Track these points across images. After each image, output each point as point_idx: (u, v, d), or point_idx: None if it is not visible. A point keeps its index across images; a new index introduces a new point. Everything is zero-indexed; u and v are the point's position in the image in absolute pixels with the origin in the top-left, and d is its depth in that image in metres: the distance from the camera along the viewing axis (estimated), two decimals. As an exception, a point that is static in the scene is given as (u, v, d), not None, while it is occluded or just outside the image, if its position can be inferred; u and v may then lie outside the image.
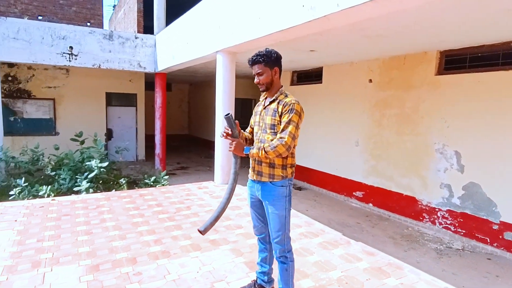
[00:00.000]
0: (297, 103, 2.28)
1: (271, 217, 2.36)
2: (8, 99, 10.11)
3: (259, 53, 2.35)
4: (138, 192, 5.61)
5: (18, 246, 3.43)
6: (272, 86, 2.39)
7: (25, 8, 11.79)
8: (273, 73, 2.36)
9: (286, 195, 2.35)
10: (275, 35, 4.44)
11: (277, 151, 2.21)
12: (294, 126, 2.23)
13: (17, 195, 6.73)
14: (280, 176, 2.33)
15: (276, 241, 2.37)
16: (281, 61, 2.43)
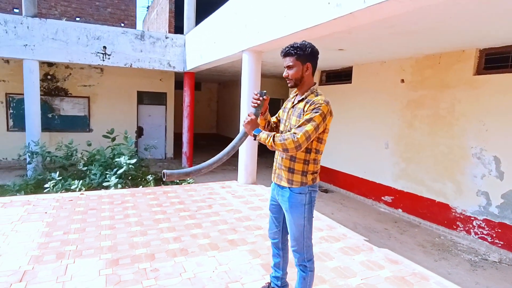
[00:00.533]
0: (325, 104, 2.09)
1: (289, 225, 2.25)
2: (47, 96, 10.69)
3: (293, 45, 2.16)
4: (162, 189, 5.73)
5: (46, 238, 3.59)
6: (301, 83, 2.21)
7: (64, 10, 12.43)
8: (305, 68, 2.16)
9: (305, 203, 2.18)
10: (301, 34, 4.37)
11: (285, 145, 2.03)
12: (313, 126, 2.04)
13: (51, 188, 7.09)
14: (299, 182, 2.18)
15: (294, 249, 2.26)
16: (316, 57, 2.22)
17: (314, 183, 2.23)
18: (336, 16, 3.58)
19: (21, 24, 8.08)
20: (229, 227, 4.05)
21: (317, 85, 2.28)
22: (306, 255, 2.25)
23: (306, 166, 2.19)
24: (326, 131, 2.20)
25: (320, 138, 2.19)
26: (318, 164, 2.26)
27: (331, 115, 2.14)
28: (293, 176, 2.20)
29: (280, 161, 2.29)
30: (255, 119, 2.23)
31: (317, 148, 2.20)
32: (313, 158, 2.19)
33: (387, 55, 6.92)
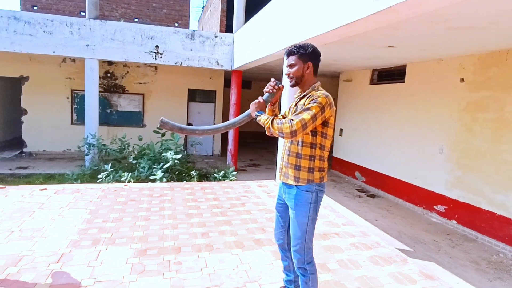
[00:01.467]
0: (323, 96, 2.13)
1: (292, 223, 2.25)
2: (106, 93, 11.57)
3: (296, 44, 2.27)
4: (200, 185, 5.91)
5: (86, 224, 3.90)
6: (302, 81, 2.27)
7: (124, 12, 13.38)
8: (305, 67, 2.23)
9: (310, 201, 2.19)
10: (339, 30, 4.23)
11: (281, 128, 2.08)
12: (310, 115, 2.07)
13: (103, 178, 7.67)
14: (306, 180, 2.19)
15: (294, 249, 2.24)
16: (318, 58, 2.29)
17: (321, 182, 2.24)
18: (374, 10, 3.40)
19: (84, 25, 8.83)
20: (258, 226, 4.06)
21: (319, 83, 2.31)
22: (306, 257, 2.23)
23: (312, 162, 2.20)
24: (329, 125, 2.22)
25: (324, 133, 2.21)
26: (325, 161, 2.27)
27: (330, 107, 2.16)
28: (299, 174, 2.21)
29: (287, 159, 2.30)
30: (263, 103, 2.33)
31: (321, 143, 2.21)
32: (318, 154, 2.21)
33: (444, 52, 6.42)
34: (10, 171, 8.85)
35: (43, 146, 11.21)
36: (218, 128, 2.52)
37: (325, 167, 2.27)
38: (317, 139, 2.19)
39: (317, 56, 2.29)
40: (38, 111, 11.05)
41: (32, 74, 10.93)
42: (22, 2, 13.02)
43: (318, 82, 2.29)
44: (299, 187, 2.21)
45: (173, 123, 2.46)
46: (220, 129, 2.51)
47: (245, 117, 2.43)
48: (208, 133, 2.60)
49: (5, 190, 4.96)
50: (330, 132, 2.22)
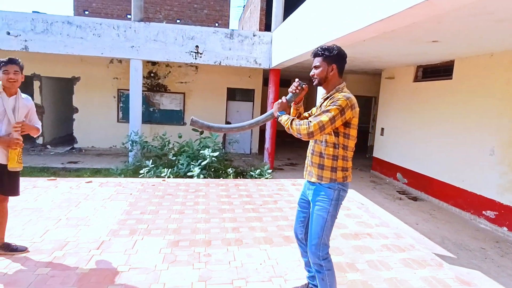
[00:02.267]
0: (344, 98, 2.19)
1: (313, 217, 2.34)
2: (149, 92, 12.15)
3: (322, 46, 2.34)
4: (234, 182, 6.05)
5: (126, 215, 4.16)
6: (326, 82, 2.34)
7: (167, 14, 13.95)
8: (330, 69, 2.30)
9: (332, 198, 2.28)
10: (375, 26, 4.14)
11: (299, 129, 2.20)
12: (328, 117, 2.15)
13: (145, 174, 8.09)
14: (329, 178, 2.29)
15: (312, 243, 2.33)
16: (343, 60, 2.35)
17: (344, 182, 2.30)
18: (411, 4, 3.31)
19: (129, 28, 9.35)
20: (288, 224, 4.10)
21: (344, 84, 2.35)
22: (322, 252, 2.30)
23: (335, 162, 2.28)
24: (352, 126, 2.27)
25: (347, 134, 2.27)
26: (348, 161, 2.32)
27: (352, 109, 2.20)
28: (322, 172, 2.30)
29: (311, 158, 2.39)
30: (286, 103, 2.41)
31: (344, 143, 2.28)
32: (341, 154, 2.28)
33: (494, 46, 6.03)
34: (62, 165, 9.60)
35: (91, 142, 12.01)
36: (243, 126, 2.65)
37: (349, 167, 2.33)
38: (339, 139, 2.26)
39: (342, 58, 2.34)
40: (87, 109, 11.86)
41: (83, 74, 11.75)
42: (75, 8, 14.05)
43: (342, 83, 2.34)
44: (322, 184, 2.30)
45: (202, 122, 2.62)
46: (245, 127, 2.64)
47: (268, 116, 2.52)
48: (234, 130, 2.74)
49: (56, 182, 5.42)
50: (353, 132, 2.27)
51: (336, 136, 2.26)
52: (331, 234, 3.73)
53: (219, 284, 2.77)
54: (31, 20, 8.91)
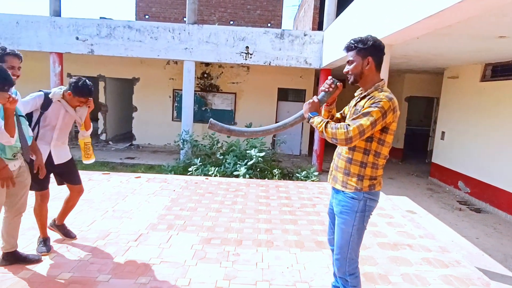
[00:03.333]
0: (386, 100, 1.97)
1: (336, 230, 2.18)
2: (202, 92, 12.62)
3: (354, 38, 2.12)
4: (275, 183, 6.07)
5: (166, 210, 4.40)
6: (362, 79, 2.12)
7: (221, 16, 14.37)
8: (365, 63, 2.07)
9: (357, 210, 2.08)
10: (424, 23, 3.91)
11: (335, 134, 1.97)
12: (370, 121, 1.93)
13: (193, 171, 8.43)
14: (354, 187, 2.08)
15: (336, 257, 2.18)
16: (380, 52, 2.10)
17: (371, 191, 2.10)
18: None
19: (183, 30, 9.80)
20: (323, 229, 4.03)
21: (383, 82, 2.13)
22: (348, 268, 2.13)
23: (363, 170, 2.09)
24: (390, 132, 2.06)
25: (382, 140, 2.07)
26: (379, 169, 2.12)
27: (394, 112, 2.00)
28: (348, 179, 2.12)
29: (337, 162, 2.22)
30: (317, 103, 2.20)
31: (377, 150, 2.08)
32: (371, 161, 2.08)
33: None
34: (120, 160, 10.37)
35: (148, 139, 12.80)
36: (268, 129, 2.49)
37: (378, 175, 2.12)
38: (372, 145, 2.06)
39: (379, 50, 2.10)
40: (145, 108, 12.66)
41: (142, 75, 12.57)
42: (137, 12, 15.08)
43: (382, 81, 2.13)
44: (346, 193, 2.12)
45: (222, 125, 2.47)
46: (270, 130, 2.49)
47: (298, 118, 2.34)
48: (258, 134, 2.56)
49: (109, 176, 5.88)
50: (389, 139, 2.07)
51: (369, 141, 2.05)
52: (367, 242, 3.60)
53: (242, 284, 2.82)
54: (96, 26, 9.75)
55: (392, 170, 11.27)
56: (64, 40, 9.74)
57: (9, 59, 2.74)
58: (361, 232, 2.14)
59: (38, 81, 11.56)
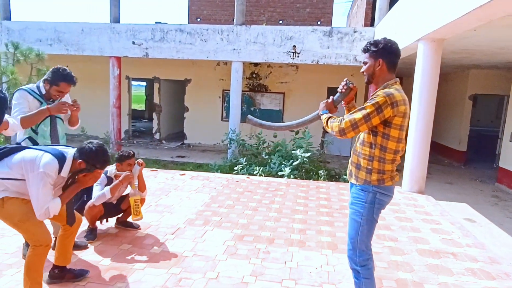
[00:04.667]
0: (383, 95, 2.09)
1: (348, 221, 2.30)
2: (251, 92, 12.85)
3: (369, 41, 2.29)
4: (316, 184, 6.03)
5: (205, 207, 4.60)
6: (374, 79, 2.27)
7: (270, 15, 14.47)
8: (376, 64, 2.22)
9: (366, 201, 2.19)
10: (474, 14, 3.67)
11: (332, 127, 2.23)
12: (362, 114, 2.10)
13: (239, 171, 8.64)
14: (363, 180, 2.22)
15: (348, 247, 2.29)
16: (391, 54, 2.23)
17: (381, 185, 2.19)
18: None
19: (232, 32, 10.08)
20: (360, 232, 3.94)
21: (394, 81, 2.23)
22: (359, 259, 2.23)
23: (371, 163, 2.20)
24: (394, 126, 2.14)
25: (386, 134, 2.16)
26: (387, 164, 2.19)
27: (392, 107, 2.08)
28: (358, 173, 2.25)
29: (352, 158, 2.36)
30: (331, 102, 2.41)
31: (382, 144, 2.17)
32: (377, 155, 2.18)
33: None
34: (171, 158, 10.94)
35: (198, 139, 13.32)
36: (291, 125, 2.79)
37: (387, 170, 2.19)
38: (377, 139, 2.18)
39: (390, 52, 2.23)
40: (196, 108, 13.20)
41: (193, 76, 13.13)
42: (189, 16, 15.77)
43: (393, 80, 2.24)
44: (357, 186, 2.26)
45: (256, 120, 2.84)
46: (292, 126, 2.79)
47: (315, 116, 2.55)
48: (282, 129, 2.91)
49: (156, 172, 6.27)
50: (394, 133, 2.15)
51: (374, 135, 2.18)
52: (405, 248, 3.48)
53: (268, 281, 2.88)
54: (151, 30, 10.39)
55: (453, 174, 10.58)
56: (122, 44, 10.53)
57: (62, 85, 3.00)
58: (371, 225, 2.23)
59: (99, 83, 12.62)
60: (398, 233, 3.98)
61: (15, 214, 2.26)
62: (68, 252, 2.67)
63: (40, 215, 2.23)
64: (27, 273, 2.31)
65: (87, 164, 2.32)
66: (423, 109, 5.47)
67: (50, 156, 2.25)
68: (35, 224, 2.30)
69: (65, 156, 2.33)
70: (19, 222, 2.28)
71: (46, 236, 2.34)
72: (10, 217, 2.28)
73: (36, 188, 2.18)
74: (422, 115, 5.49)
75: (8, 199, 2.26)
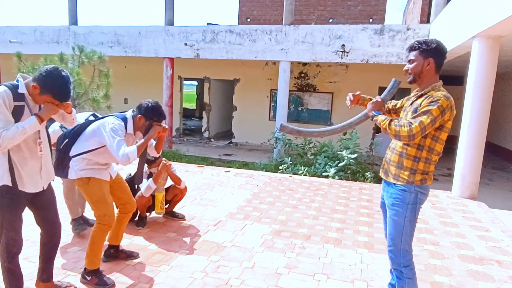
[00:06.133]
0: (444, 98, 2.11)
1: (388, 222, 2.33)
2: (299, 92, 12.96)
3: (418, 40, 2.30)
4: (359, 185, 6.03)
5: (246, 202, 4.85)
6: (420, 79, 2.27)
7: (320, 14, 14.42)
8: (426, 64, 2.22)
9: (408, 201, 2.22)
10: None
11: (399, 131, 2.12)
12: (430, 119, 2.08)
13: (283, 170, 8.82)
14: (405, 179, 2.23)
15: (389, 249, 2.31)
16: (441, 55, 2.23)
17: (422, 185, 2.23)
18: None
19: (280, 32, 10.28)
20: (399, 234, 3.95)
21: (441, 83, 2.25)
22: (403, 259, 2.26)
23: (416, 164, 2.22)
24: (445, 129, 2.20)
25: (436, 137, 2.20)
26: (431, 165, 2.24)
27: (451, 111, 2.14)
28: (400, 172, 2.26)
29: (390, 156, 2.35)
30: (380, 102, 2.39)
31: (430, 146, 2.21)
32: (424, 156, 2.21)
33: None
34: (219, 156, 11.39)
35: (246, 138, 13.69)
36: (334, 129, 2.72)
37: (430, 171, 2.25)
38: (426, 141, 2.20)
39: (440, 53, 2.24)
40: (244, 108, 13.58)
41: (242, 76, 13.52)
42: (239, 17, 16.21)
43: (439, 82, 2.26)
44: (397, 186, 2.27)
45: (292, 127, 2.77)
46: (336, 130, 2.71)
47: (362, 117, 2.54)
48: (325, 134, 2.79)
49: (203, 169, 6.65)
50: (443, 136, 2.21)
51: (423, 137, 2.18)
52: (446, 253, 3.46)
53: (300, 274, 3.05)
54: (202, 32, 10.91)
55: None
56: (175, 46, 11.17)
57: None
58: (413, 224, 2.27)
59: (153, 83, 13.46)
60: (440, 238, 3.92)
61: (95, 193, 2.70)
62: (121, 233, 3.08)
63: (120, 159, 2.52)
64: (91, 247, 2.72)
65: (145, 118, 2.76)
66: (477, 111, 5.26)
67: (114, 118, 2.71)
68: (108, 207, 2.73)
69: (126, 117, 2.78)
70: (97, 202, 2.72)
71: (113, 219, 2.78)
72: (91, 195, 2.72)
73: (112, 140, 2.55)
74: (476, 117, 5.28)
75: (93, 179, 2.70)
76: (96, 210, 2.75)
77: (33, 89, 2.15)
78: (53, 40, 12.25)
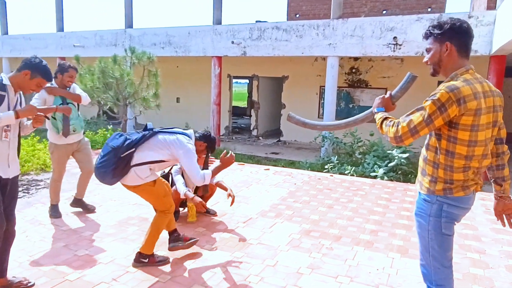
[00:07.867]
0: (445, 91, 1.77)
1: (417, 233, 2.12)
2: (350, 88, 12.61)
3: (433, 24, 1.98)
4: (405, 186, 5.74)
5: (280, 200, 4.86)
6: (442, 68, 1.95)
7: (373, 6, 13.80)
8: (443, 49, 1.89)
9: (430, 214, 1.95)
10: None
11: (387, 132, 1.95)
12: (422, 116, 1.81)
13: (329, 169, 8.67)
14: (426, 188, 1.98)
15: (421, 263, 2.10)
16: (461, 35, 1.89)
17: (448, 195, 1.91)
18: None
19: (328, 26, 10.07)
20: (440, 239, 3.71)
21: (464, 69, 1.90)
22: (435, 277, 2.02)
23: (436, 171, 1.93)
24: (461, 127, 1.81)
25: (452, 137, 1.85)
26: (456, 173, 1.89)
27: (459, 104, 1.76)
28: (422, 179, 2.03)
29: (419, 162, 2.12)
30: (388, 98, 2.19)
31: (447, 149, 1.88)
32: (443, 162, 1.90)
33: None
34: (266, 154, 11.48)
35: (294, 136, 13.62)
36: (338, 124, 2.64)
37: (456, 180, 1.89)
38: (441, 143, 1.90)
39: (459, 32, 1.89)
40: (293, 105, 13.51)
41: (291, 73, 13.47)
42: (288, 13, 16.11)
43: (464, 68, 1.90)
44: (420, 194, 2.04)
45: (298, 118, 2.69)
46: (341, 125, 2.64)
47: (368, 113, 2.36)
48: (329, 128, 2.75)
49: (243, 166, 6.77)
50: (464, 135, 1.83)
51: (438, 139, 1.90)
52: (491, 263, 3.19)
53: (322, 275, 3.00)
54: (249, 29, 11.06)
55: None
56: (223, 44, 11.45)
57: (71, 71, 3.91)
58: (442, 240, 1.97)
59: (203, 82, 13.90)
60: (488, 246, 3.62)
61: (161, 192, 3.07)
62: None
63: (198, 180, 2.93)
64: (154, 234, 3.05)
65: (207, 145, 3.45)
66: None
67: (185, 137, 3.02)
68: (169, 198, 3.14)
69: (191, 137, 3.09)
70: (164, 197, 3.07)
71: (173, 208, 3.19)
72: (158, 194, 3.05)
73: (190, 161, 2.93)
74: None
75: (158, 180, 3.07)
76: (163, 205, 3.08)
77: (23, 76, 2.46)
78: (111, 43, 13.20)
